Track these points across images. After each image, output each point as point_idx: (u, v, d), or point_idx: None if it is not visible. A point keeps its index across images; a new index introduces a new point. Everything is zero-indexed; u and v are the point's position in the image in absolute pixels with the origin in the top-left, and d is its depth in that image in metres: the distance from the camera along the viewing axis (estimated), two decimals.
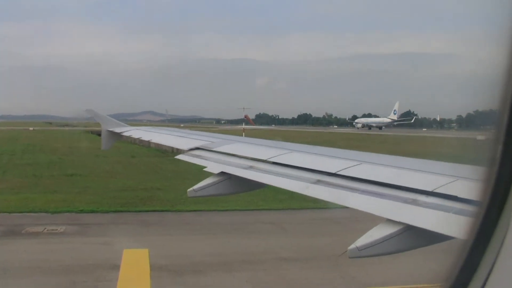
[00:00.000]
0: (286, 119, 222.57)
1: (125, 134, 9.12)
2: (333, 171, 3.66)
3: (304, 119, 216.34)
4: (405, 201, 2.83)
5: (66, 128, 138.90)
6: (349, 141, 67.91)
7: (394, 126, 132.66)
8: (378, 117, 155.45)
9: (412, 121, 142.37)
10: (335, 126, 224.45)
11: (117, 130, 9.33)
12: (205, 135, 7.33)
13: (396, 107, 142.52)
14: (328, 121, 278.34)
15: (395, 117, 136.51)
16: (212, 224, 17.64)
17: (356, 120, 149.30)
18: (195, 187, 4.57)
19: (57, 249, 13.91)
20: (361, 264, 11.37)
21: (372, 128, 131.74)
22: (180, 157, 5.84)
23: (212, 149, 5.61)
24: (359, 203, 3.05)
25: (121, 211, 19.44)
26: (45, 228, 16.25)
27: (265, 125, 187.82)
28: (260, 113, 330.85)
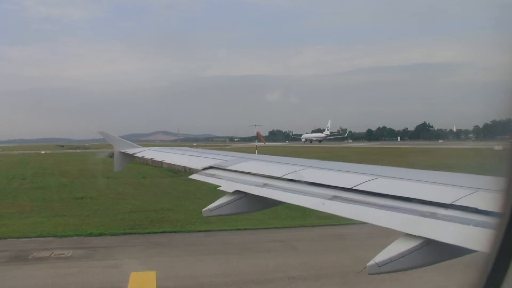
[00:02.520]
0: (300, 135, 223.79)
1: (137, 155, 9.23)
2: (349, 186, 3.65)
3: (343, 135, 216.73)
4: (424, 214, 2.80)
5: (78, 150, 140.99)
6: (363, 155, 67.56)
7: (327, 140, 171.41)
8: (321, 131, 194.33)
9: (346, 135, 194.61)
10: (350, 141, 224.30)
11: (130, 151, 9.44)
12: (218, 153, 7.38)
13: (328, 124, 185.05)
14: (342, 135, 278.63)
15: (328, 133, 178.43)
16: (222, 244, 17.65)
17: (302, 136, 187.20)
18: (210, 206, 4.61)
19: (64, 274, 13.96)
20: (375, 281, 11.16)
21: (313, 142, 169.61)
22: (194, 176, 5.89)
23: (225, 168, 5.65)
24: (376, 218, 3.04)
25: (130, 233, 19.53)
26: (52, 253, 16.21)
27: (280, 141, 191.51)
28: (273, 130, 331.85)
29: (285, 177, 4.54)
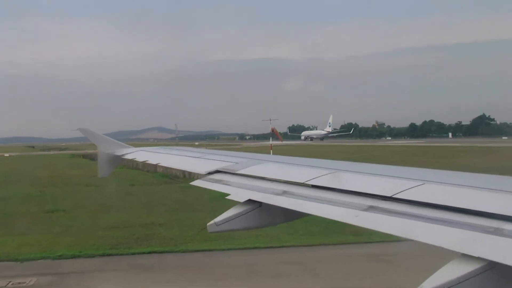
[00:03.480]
0: (343, 130, 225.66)
1: (127, 157, 9.34)
2: (389, 194, 3.69)
3: (349, 130, 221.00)
4: (485, 230, 2.80)
5: (52, 152, 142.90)
6: (403, 156, 67.23)
7: (329, 137, 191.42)
8: (317, 128, 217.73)
9: (351, 132, 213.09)
10: (388, 138, 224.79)
11: (117, 152, 9.55)
12: (225, 154, 7.46)
13: (330, 120, 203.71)
14: (379, 131, 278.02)
15: (330, 129, 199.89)
16: (224, 267, 17.56)
17: (302, 133, 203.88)
18: (217, 219, 4.64)
19: None
20: None
21: (313, 140, 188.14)
22: (196, 183, 5.94)
23: (235, 172, 5.71)
24: (424, 233, 3.05)
25: (111, 255, 19.49)
26: (9, 282, 15.69)
27: (318, 139, 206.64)
28: (293, 125, 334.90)
29: (308, 183, 4.57)
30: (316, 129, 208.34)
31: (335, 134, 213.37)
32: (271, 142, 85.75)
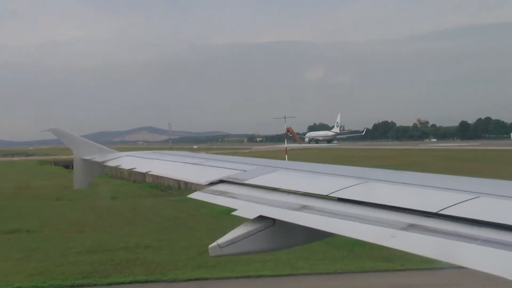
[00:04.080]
0: (356, 131, 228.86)
1: (109, 163, 9.41)
2: (434, 210, 3.71)
3: (383, 130, 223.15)
4: None
5: (16, 158, 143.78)
6: (452, 162, 66.69)
7: (338, 139, 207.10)
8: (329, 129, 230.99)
9: (363, 133, 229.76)
10: (433, 139, 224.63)
11: (98, 158, 9.65)
12: (231, 160, 7.57)
13: (338, 119, 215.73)
14: (422, 131, 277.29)
15: (337, 130, 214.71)
16: None
17: (306, 135, 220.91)
18: (221, 241, 4.67)
19: None
20: None
21: (319, 142, 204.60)
22: (195, 195, 5.99)
23: (243, 182, 5.79)
24: (479, 259, 3.04)
25: (82, 286, 19.44)
26: None
27: (324, 142, 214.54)
28: (314, 124, 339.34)
29: (333, 195, 4.62)
30: (335, 128, 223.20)
31: (344, 136, 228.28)
32: (286, 145, 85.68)
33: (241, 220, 4.87)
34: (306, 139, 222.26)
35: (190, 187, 56.63)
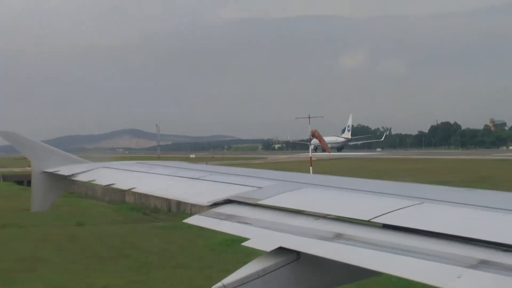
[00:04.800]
0: (408, 135, 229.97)
1: (79, 178, 9.40)
2: None
3: (444, 134, 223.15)
4: None
5: None
6: None
7: (350, 147, 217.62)
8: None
9: (383, 138, 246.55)
10: (511, 147, 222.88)
11: (65, 171, 9.68)
12: (242, 174, 7.65)
13: (349, 121, 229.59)
14: (496, 136, 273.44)
15: (349, 135, 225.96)
16: None
17: (312, 141, 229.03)
18: (228, 280, 4.62)
19: None
20: None
21: (324, 151, 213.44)
22: (193, 220, 6.01)
23: (258, 202, 5.84)
24: None
25: None
26: None
27: (363, 149, 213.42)
28: (353, 126, 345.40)
29: (376, 220, 4.63)
30: (345, 132, 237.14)
31: (358, 142, 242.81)
32: (310, 153, 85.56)
33: (254, 254, 4.87)
34: (311, 147, 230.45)
35: (185, 209, 56.85)
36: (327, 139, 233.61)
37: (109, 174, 9.20)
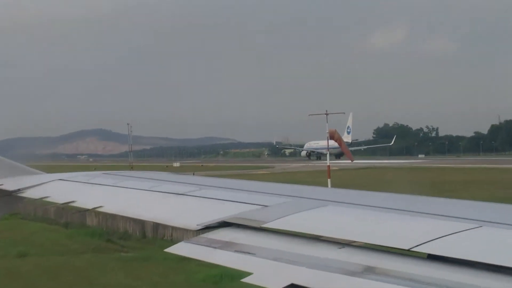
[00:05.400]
0: (460, 137, 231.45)
1: (28, 194, 9.39)
2: None
3: (510, 137, 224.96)
4: None
5: None
6: None
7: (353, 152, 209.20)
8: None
9: (392, 143, 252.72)
10: None
11: (7, 184, 9.70)
12: (242, 188, 7.72)
13: (349, 122, 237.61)
14: None
15: (349, 139, 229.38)
16: None
17: (304, 146, 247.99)
18: None
19: None
20: None
21: (322, 157, 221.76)
22: (178, 249, 6.02)
23: (263, 225, 5.85)
24: None
25: None
26: None
27: (398, 155, 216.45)
28: (385, 125, 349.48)
29: (418, 249, 4.62)
30: (345, 135, 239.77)
31: (362, 148, 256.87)
32: (328, 161, 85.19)
33: None
34: (303, 153, 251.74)
35: (164, 234, 56.27)
36: (320, 144, 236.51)
37: (67, 188, 9.20)
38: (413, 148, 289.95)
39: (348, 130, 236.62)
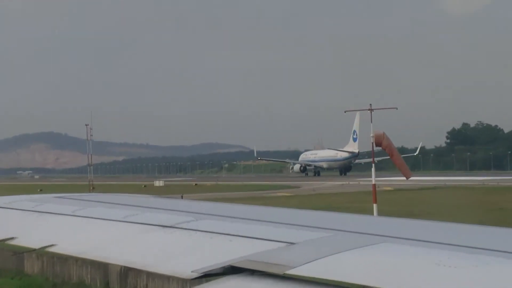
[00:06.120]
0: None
1: None
2: None
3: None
4: None
5: None
6: None
7: (362, 164, 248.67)
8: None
9: (417, 152, 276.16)
10: None
11: None
12: (256, 216, 7.80)
13: (355, 124, 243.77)
14: None
15: (355, 147, 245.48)
16: None
17: (300, 157, 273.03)
18: None
19: None
20: None
21: (317, 173, 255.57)
22: None
23: (289, 271, 5.60)
24: None
25: None
26: None
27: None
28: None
29: None
30: (350, 142, 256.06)
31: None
32: (374, 179, 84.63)
33: None
34: (295, 167, 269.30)
35: (137, 284, 55.56)
36: (324, 153, 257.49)
37: (3, 219, 9.22)
38: (504, 159, 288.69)
39: (355, 136, 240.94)
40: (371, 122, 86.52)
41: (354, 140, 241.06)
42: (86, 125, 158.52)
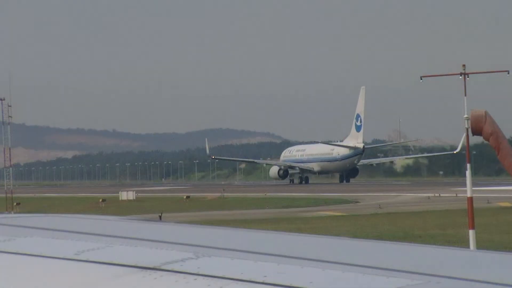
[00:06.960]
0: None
1: None
2: None
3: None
4: None
5: None
6: None
7: (373, 166, 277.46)
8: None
9: (458, 149, 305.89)
10: None
11: None
12: (287, 251, 7.56)
13: (359, 107, 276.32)
14: None
15: (359, 139, 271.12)
16: None
17: (282, 155, 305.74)
18: None
19: None
20: None
21: (304, 179, 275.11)
22: None
23: None
24: None
25: None
26: None
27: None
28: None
29: None
30: (352, 132, 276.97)
31: (384, 159, 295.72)
32: (469, 190, 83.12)
33: None
34: (272, 170, 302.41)
35: None
36: (308, 152, 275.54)
37: None
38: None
39: (358, 123, 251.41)
40: (465, 95, 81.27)
41: (358, 129, 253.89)
42: (0, 99, 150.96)
